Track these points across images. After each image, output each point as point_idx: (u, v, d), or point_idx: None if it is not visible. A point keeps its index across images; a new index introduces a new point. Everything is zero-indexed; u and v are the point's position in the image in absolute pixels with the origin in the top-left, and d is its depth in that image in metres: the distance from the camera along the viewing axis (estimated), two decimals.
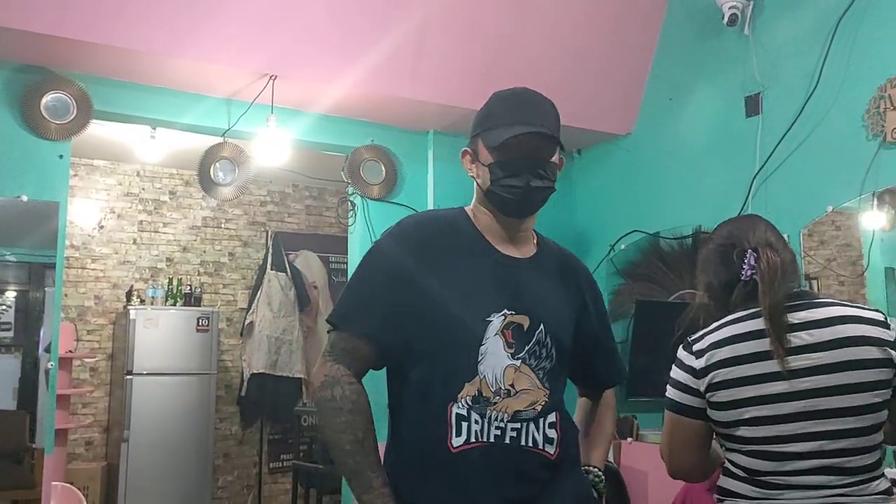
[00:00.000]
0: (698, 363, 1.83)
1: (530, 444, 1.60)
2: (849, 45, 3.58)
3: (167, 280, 6.45)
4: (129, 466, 5.74)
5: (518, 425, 1.59)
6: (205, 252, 6.81)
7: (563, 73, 4.41)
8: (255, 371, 6.49)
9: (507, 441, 1.57)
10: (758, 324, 1.79)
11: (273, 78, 3.90)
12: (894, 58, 3.40)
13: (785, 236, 1.98)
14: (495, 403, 1.58)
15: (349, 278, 1.74)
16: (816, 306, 1.80)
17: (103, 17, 3.43)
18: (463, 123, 4.50)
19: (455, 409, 1.56)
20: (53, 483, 3.86)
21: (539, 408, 1.62)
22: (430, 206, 4.58)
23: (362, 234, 4.52)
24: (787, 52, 3.86)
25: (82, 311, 6.29)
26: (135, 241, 6.53)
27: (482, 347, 1.60)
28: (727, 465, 1.87)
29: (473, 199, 1.78)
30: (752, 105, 4.01)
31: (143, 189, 6.59)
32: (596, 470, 1.81)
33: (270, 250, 6.87)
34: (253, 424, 6.77)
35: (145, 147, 5.62)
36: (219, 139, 4.27)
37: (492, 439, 1.56)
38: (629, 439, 4.37)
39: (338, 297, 1.72)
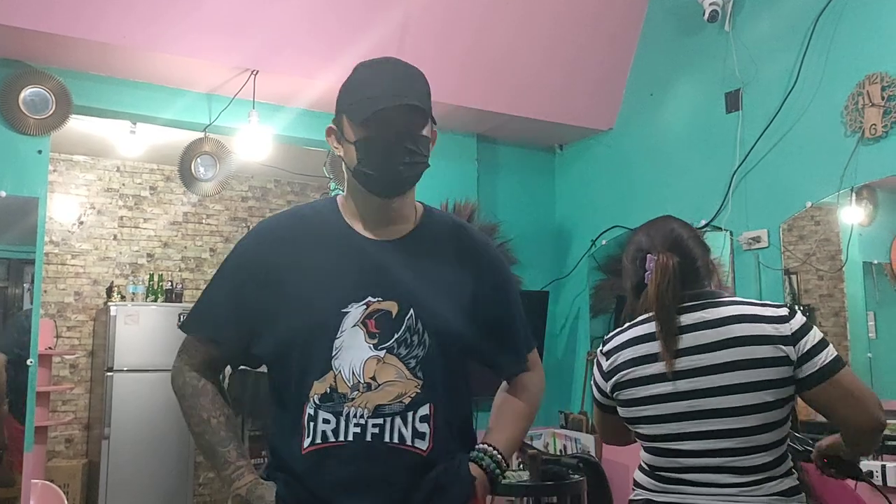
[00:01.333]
0: (606, 364, 1.94)
1: (395, 440, 1.45)
2: (827, 42, 3.61)
3: (148, 276, 6.41)
4: (109, 463, 5.71)
5: (380, 420, 1.45)
6: (186, 248, 6.78)
7: (543, 69, 4.43)
8: (236, 367, 6.45)
9: (369, 438, 1.44)
10: (653, 326, 1.84)
11: (254, 73, 3.89)
12: (872, 55, 3.43)
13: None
14: (353, 399, 1.45)
15: None
16: (714, 306, 1.83)
17: (83, 11, 3.41)
18: (444, 119, 4.50)
19: (307, 410, 1.47)
20: (33, 481, 3.84)
21: (407, 400, 1.47)
22: None
23: None
24: (767, 49, 3.89)
25: (62, 308, 6.24)
26: (115, 237, 6.48)
27: (337, 341, 1.49)
28: (640, 457, 1.96)
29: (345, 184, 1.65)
30: (732, 101, 4.04)
31: (124, 184, 6.54)
32: (489, 448, 1.61)
33: None
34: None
35: (125, 142, 5.59)
36: (200, 134, 4.25)
37: (350, 437, 1.44)
38: None
39: None
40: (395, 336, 1.50)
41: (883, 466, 3.15)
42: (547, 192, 5.16)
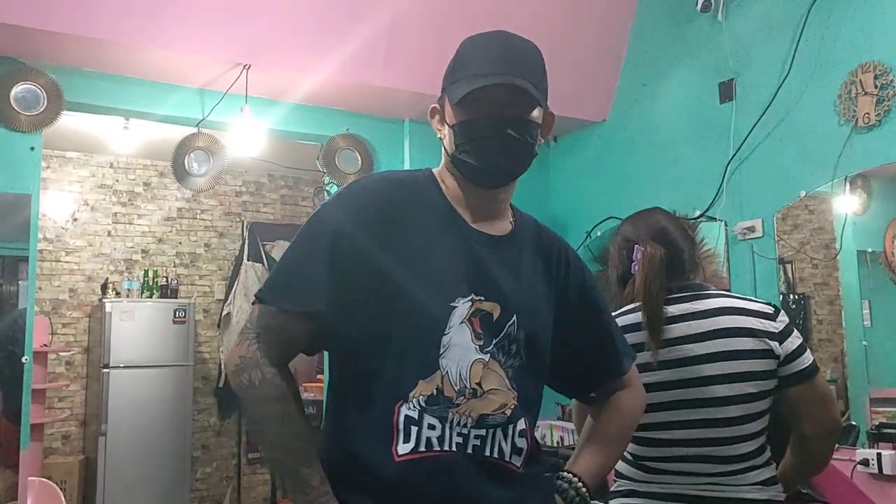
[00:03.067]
0: None
1: (496, 454, 1.32)
2: (820, 30, 3.61)
3: (143, 272, 6.40)
4: (107, 460, 5.71)
5: (482, 432, 1.31)
6: (180, 243, 6.77)
7: None
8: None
9: (470, 451, 1.30)
10: (640, 316, 1.86)
11: (247, 67, 3.87)
12: (865, 43, 3.43)
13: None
14: (458, 405, 1.30)
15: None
16: (701, 298, 1.86)
17: (74, 6, 3.39)
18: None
19: (404, 411, 1.28)
20: (30, 478, 3.83)
21: (509, 412, 1.34)
22: None
23: None
24: (760, 38, 3.89)
25: (57, 305, 6.23)
26: (109, 233, 6.47)
27: (445, 337, 1.31)
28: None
29: (441, 163, 1.48)
30: (726, 91, 4.04)
31: (117, 180, 6.53)
32: (570, 476, 1.46)
33: (246, 241, 6.83)
34: (231, 415, 6.75)
35: (118, 138, 5.58)
36: (193, 129, 4.24)
37: (453, 448, 1.29)
38: None
39: None
40: (495, 341, 1.35)
41: (879, 454, 3.16)
42: (541, 183, 5.16)
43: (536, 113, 1.40)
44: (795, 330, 1.85)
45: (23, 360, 3.64)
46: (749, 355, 1.79)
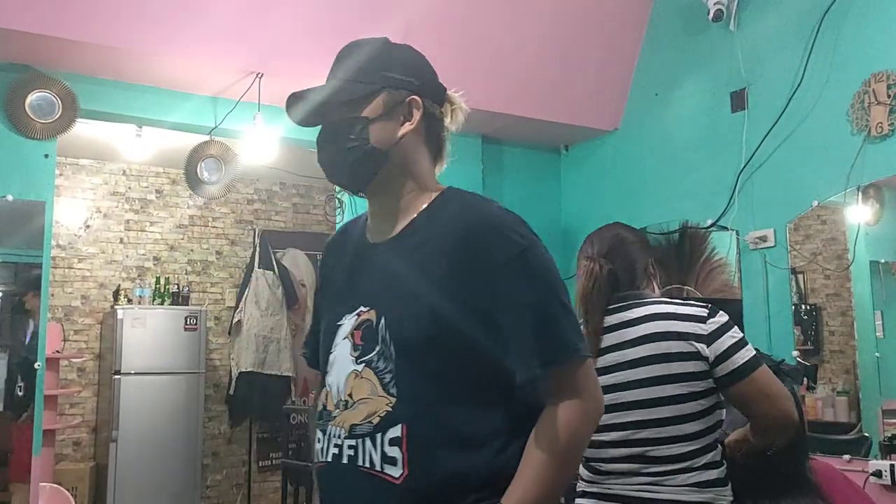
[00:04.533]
0: None
1: (367, 464, 1.27)
2: (833, 40, 3.60)
3: (154, 279, 6.42)
4: (117, 466, 5.71)
5: (353, 442, 1.28)
6: (192, 251, 6.79)
7: (548, 69, 4.42)
8: (243, 369, 6.47)
9: (345, 461, 1.29)
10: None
11: (259, 76, 3.89)
12: (878, 53, 3.42)
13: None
14: (335, 417, 1.32)
15: None
16: (637, 306, 1.95)
17: (90, 15, 3.42)
18: None
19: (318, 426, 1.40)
20: (41, 484, 3.85)
21: (377, 420, 1.27)
22: None
23: None
24: (772, 48, 3.88)
25: (69, 311, 6.25)
26: (121, 241, 6.49)
27: (331, 355, 1.37)
28: None
29: None
30: (738, 100, 4.03)
31: (130, 188, 6.56)
32: None
33: (258, 248, 6.85)
34: (241, 423, 6.75)
35: (131, 146, 5.60)
36: (205, 137, 4.26)
37: (329, 458, 1.32)
38: None
39: None
40: (376, 348, 1.30)
41: (892, 465, 3.14)
42: (553, 192, 5.16)
43: (357, 110, 1.35)
44: (732, 330, 1.89)
45: (35, 366, 3.66)
46: (677, 357, 1.86)
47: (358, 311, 1.35)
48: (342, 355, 1.35)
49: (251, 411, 6.69)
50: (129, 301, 6.19)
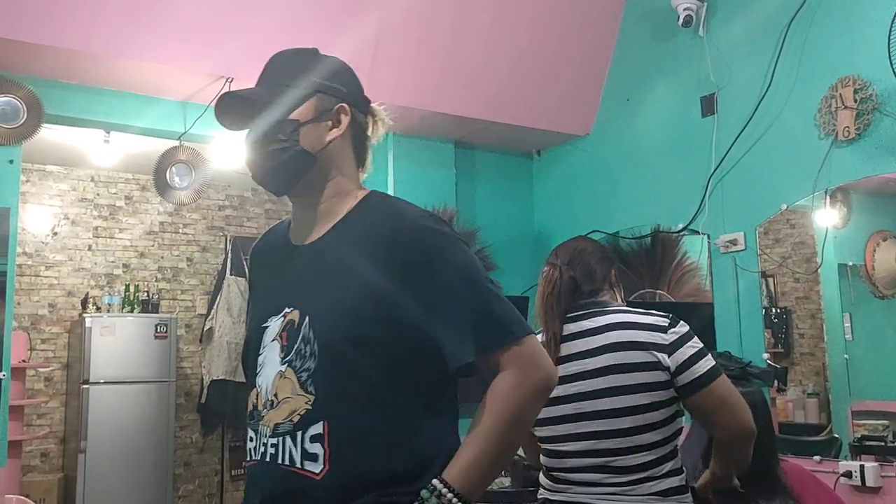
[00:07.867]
0: None
1: (287, 461, 1.30)
2: (800, 45, 3.64)
3: (124, 287, 6.34)
4: (86, 478, 5.63)
5: (276, 440, 1.32)
6: (162, 258, 6.72)
7: (520, 75, 4.43)
8: (215, 377, 6.40)
9: (269, 459, 1.33)
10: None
11: (229, 80, 3.86)
12: (844, 58, 3.46)
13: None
14: (263, 417, 1.36)
15: None
16: (598, 315, 1.95)
17: (54, 18, 3.37)
18: (421, 125, 4.49)
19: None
20: (7, 496, 3.77)
21: (297, 418, 1.30)
22: None
23: None
24: (741, 53, 3.92)
25: (36, 320, 6.16)
26: (90, 248, 6.41)
27: (260, 357, 1.40)
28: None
29: None
30: (708, 105, 4.07)
31: (98, 194, 6.48)
32: (438, 487, 1.24)
33: (230, 255, 6.79)
34: (214, 432, 6.69)
35: (99, 151, 5.52)
36: (175, 142, 4.22)
37: (258, 457, 1.36)
38: None
39: None
40: (295, 347, 1.33)
41: (861, 467, 3.17)
42: (525, 197, 5.17)
43: (275, 113, 1.38)
44: (695, 338, 1.90)
45: (0, 375, 3.59)
46: (639, 367, 1.86)
47: (284, 312, 1.38)
48: (271, 357, 1.38)
49: (223, 420, 6.63)
50: (98, 309, 6.11)
